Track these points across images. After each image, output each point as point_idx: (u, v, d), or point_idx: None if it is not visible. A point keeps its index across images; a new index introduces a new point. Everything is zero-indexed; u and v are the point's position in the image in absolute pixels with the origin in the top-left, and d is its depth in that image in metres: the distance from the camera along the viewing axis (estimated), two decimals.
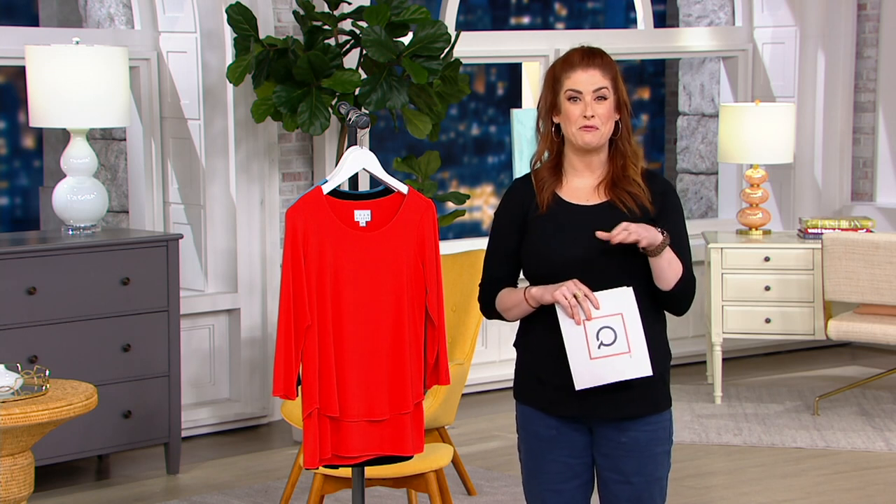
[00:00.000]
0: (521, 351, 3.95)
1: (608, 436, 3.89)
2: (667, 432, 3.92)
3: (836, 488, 6.45)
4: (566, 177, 3.90)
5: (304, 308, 4.00)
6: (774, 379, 8.55)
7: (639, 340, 3.75)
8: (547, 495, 3.93)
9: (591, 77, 3.83)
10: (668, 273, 3.81)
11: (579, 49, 3.88)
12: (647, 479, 3.89)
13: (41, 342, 6.21)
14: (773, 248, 7.90)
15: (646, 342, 3.77)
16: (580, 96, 3.83)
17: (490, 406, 7.87)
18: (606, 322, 3.76)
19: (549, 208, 3.87)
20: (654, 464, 3.90)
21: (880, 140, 9.35)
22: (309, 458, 4.07)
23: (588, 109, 3.82)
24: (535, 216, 3.87)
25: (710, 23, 9.47)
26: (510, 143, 8.06)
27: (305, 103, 6.66)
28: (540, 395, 3.90)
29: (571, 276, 3.78)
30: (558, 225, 3.84)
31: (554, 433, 3.90)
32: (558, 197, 3.88)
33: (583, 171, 3.89)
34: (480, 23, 12.57)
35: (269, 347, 7.42)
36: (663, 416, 3.90)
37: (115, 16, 8.12)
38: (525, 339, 3.94)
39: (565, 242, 3.81)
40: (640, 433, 3.87)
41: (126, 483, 6.58)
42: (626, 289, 3.76)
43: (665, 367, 3.91)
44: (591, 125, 3.82)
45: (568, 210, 3.86)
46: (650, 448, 3.88)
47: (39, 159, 10.33)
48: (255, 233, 7.41)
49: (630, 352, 3.76)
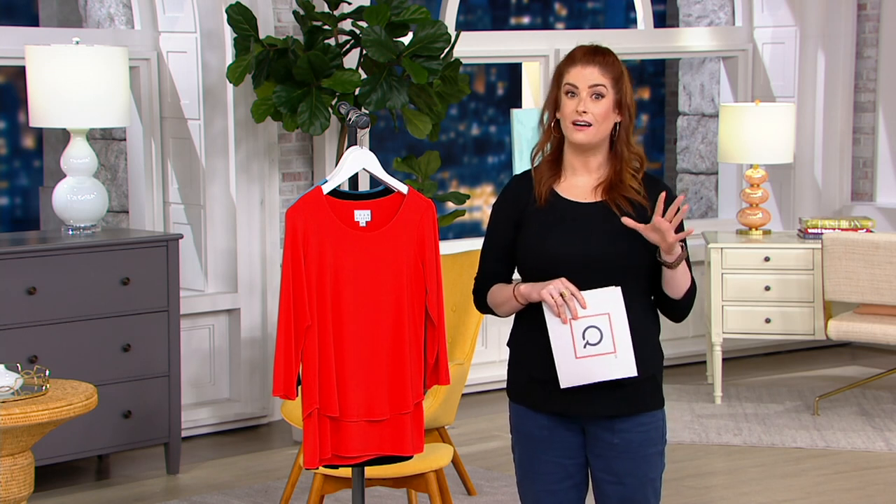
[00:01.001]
0: (514, 348, 3.96)
1: (600, 436, 3.88)
2: (659, 433, 3.91)
3: (836, 488, 6.45)
4: (565, 174, 3.90)
5: (304, 308, 4.00)
6: (774, 379, 8.54)
7: (625, 341, 3.75)
8: (541, 496, 3.93)
9: (589, 73, 3.81)
10: (681, 282, 3.82)
11: (584, 46, 3.87)
12: (640, 480, 3.89)
13: (41, 342, 6.20)
14: (773, 248, 7.90)
15: (632, 343, 3.76)
16: (576, 91, 3.82)
17: (490, 406, 7.87)
18: (593, 321, 3.75)
19: (546, 203, 3.86)
20: (647, 465, 3.89)
21: (880, 140, 9.35)
22: (309, 458, 4.07)
23: (581, 105, 3.81)
24: (531, 210, 3.86)
25: (710, 23, 9.47)
26: (510, 143, 8.05)
27: (305, 103, 6.66)
28: (531, 392, 3.89)
29: (564, 273, 3.77)
30: (554, 220, 3.83)
31: (546, 433, 3.90)
32: (556, 193, 3.88)
33: (581, 170, 3.88)
34: (480, 23, 12.57)
35: (269, 347, 7.42)
36: (655, 417, 3.89)
37: (115, 16, 8.12)
38: (517, 336, 3.94)
39: (560, 238, 3.80)
40: (633, 434, 3.86)
41: (126, 483, 6.58)
42: (614, 288, 3.75)
43: (658, 367, 3.90)
44: (583, 121, 3.81)
45: (564, 206, 3.85)
46: (643, 449, 3.88)
47: (39, 159, 10.34)
48: (255, 233, 7.41)
49: (615, 352, 3.76)
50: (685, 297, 3.85)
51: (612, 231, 3.80)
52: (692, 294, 3.86)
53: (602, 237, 3.80)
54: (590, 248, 3.79)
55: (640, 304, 3.84)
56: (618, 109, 3.84)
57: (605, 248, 3.79)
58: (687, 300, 3.86)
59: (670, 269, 3.79)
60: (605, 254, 3.79)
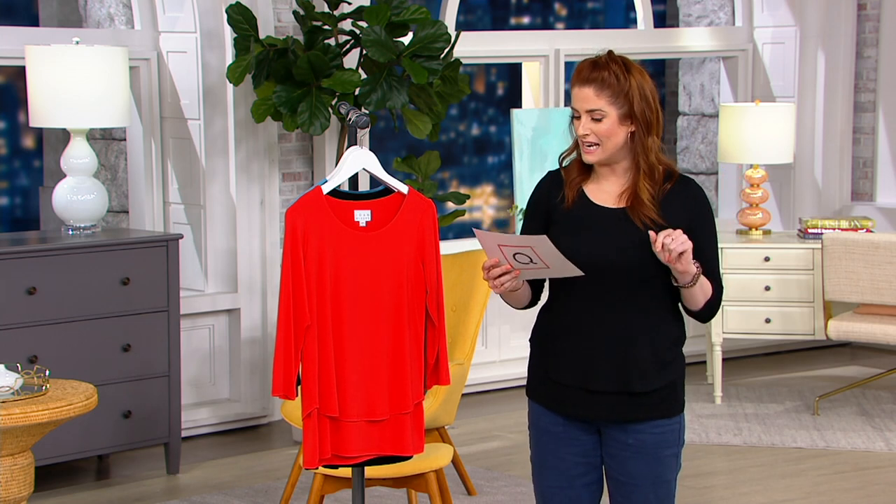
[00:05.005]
0: (534, 347, 3.96)
1: (615, 437, 3.88)
2: (675, 435, 3.90)
3: (836, 488, 6.45)
4: (595, 175, 3.89)
5: (303, 308, 4.00)
6: (774, 379, 8.55)
7: (554, 256, 3.70)
8: (553, 491, 3.93)
9: (585, 96, 3.79)
10: (698, 297, 3.82)
11: (585, 61, 3.83)
12: (654, 482, 3.88)
13: (41, 342, 6.20)
14: (773, 248, 7.90)
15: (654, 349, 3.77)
16: (579, 114, 3.82)
17: (490, 406, 7.87)
18: (518, 250, 3.72)
19: (574, 204, 3.86)
20: (661, 466, 3.88)
21: (880, 140, 9.35)
22: (309, 458, 4.07)
23: (581, 128, 3.81)
24: (560, 212, 3.86)
25: (710, 23, 9.47)
26: (510, 143, 8.05)
27: (305, 103, 6.66)
28: (548, 391, 3.90)
29: (588, 276, 3.76)
30: (580, 224, 3.82)
31: (561, 430, 3.90)
32: (585, 195, 3.87)
33: (608, 174, 3.87)
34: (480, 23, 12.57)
35: (269, 347, 7.42)
36: (673, 420, 3.89)
37: (115, 16, 8.12)
38: (538, 335, 3.95)
39: (584, 241, 3.79)
40: (648, 436, 3.86)
41: (126, 483, 6.58)
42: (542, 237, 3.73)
43: (679, 374, 3.89)
44: (590, 142, 3.81)
45: (591, 209, 3.84)
46: (658, 451, 3.87)
47: (39, 159, 10.33)
48: (255, 233, 7.41)
49: (549, 267, 3.73)
50: (705, 307, 3.85)
51: (636, 238, 3.79)
52: (714, 302, 3.85)
53: (627, 243, 3.79)
54: (614, 253, 3.78)
55: (663, 310, 3.84)
56: (628, 120, 3.80)
57: (630, 255, 3.78)
58: (707, 309, 3.85)
59: (686, 290, 3.80)
60: (628, 260, 3.78)
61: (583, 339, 3.83)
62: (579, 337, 3.84)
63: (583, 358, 3.83)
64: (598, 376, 3.82)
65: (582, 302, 3.83)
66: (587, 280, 3.77)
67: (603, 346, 3.82)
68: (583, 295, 3.82)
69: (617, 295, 3.79)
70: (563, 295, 3.86)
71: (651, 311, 3.81)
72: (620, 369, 3.81)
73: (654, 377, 3.82)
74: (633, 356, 3.81)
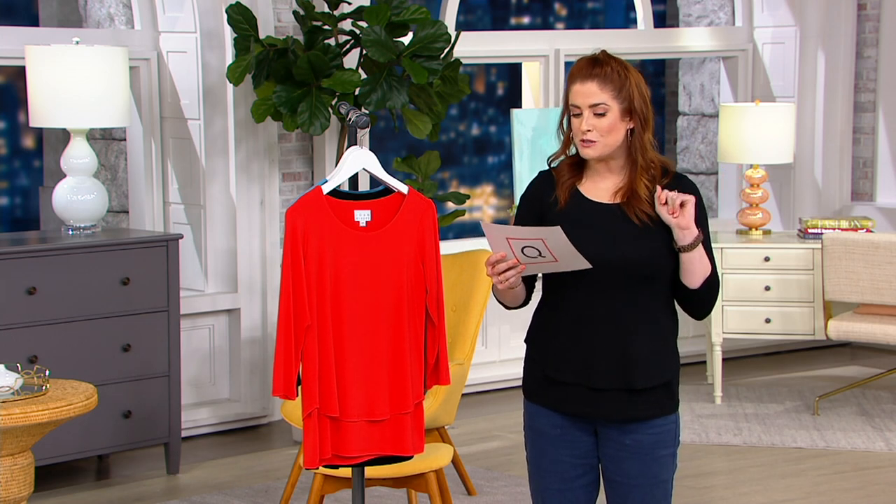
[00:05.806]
0: (530, 347, 3.96)
1: (612, 437, 3.88)
2: (672, 435, 3.90)
3: (836, 488, 6.45)
4: (588, 174, 3.89)
5: (303, 308, 4.00)
6: (774, 379, 8.55)
7: (564, 248, 3.70)
8: (550, 493, 3.93)
9: (588, 90, 3.79)
10: (697, 268, 3.80)
11: (584, 59, 3.85)
12: (651, 482, 3.88)
13: (41, 342, 6.21)
14: (773, 248, 7.89)
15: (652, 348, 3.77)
16: (579, 110, 3.82)
17: (490, 406, 7.87)
18: (528, 243, 3.72)
19: (567, 204, 3.86)
20: (658, 466, 3.89)
21: (880, 140, 9.35)
22: (309, 458, 4.07)
23: (584, 124, 3.81)
24: (554, 212, 3.86)
25: (710, 23, 9.47)
26: (510, 143, 8.05)
27: (305, 103, 6.66)
28: (544, 391, 3.90)
29: (585, 272, 3.76)
30: (575, 221, 3.82)
31: (559, 431, 3.90)
32: (579, 193, 3.87)
33: (603, 171, 3.88)
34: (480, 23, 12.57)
35: (269, 347, 7.42)
36: (669, 420, 3.89)
37: (115, 16, 8.12)
38: (533, 335, 3.94)
39: (580, 239, 3.79)
40: (644, 436, 3.86)
41: (126, 483, 6.58)
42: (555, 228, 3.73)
43: (674, 372, 3.89)
44: (589, 139, 3.81)
45: (586, 206, 3.85)
46: (654, 451, 3.88)
47: (39, 159, 10.33)
48: (255, 233, 7.41)
49: (557, 261, 3.73)
50: (704, 286, 3.83)
51: (634, 234, 3.80)
52: (712, 285, 3.84)
53: (624, 240, 3.79)
54: (611, 249, 3.79)
55: (660, 306, 3.85)
56: (628, 117, 3.82)
57: (627, 251, 3.79)
58: (707, 291, 3.84)
59: (686, 254, 3.79)
60: (626, 256, 3.78)
61: (582, 336, 3.83)
62: (578, 334, 3.84)
63: (583, 355, 3.83)
64: (599, 373, 3.82)
65: (580, 299, 3.83)
66: (585, 276, 3.78)
67: (603, 343, 3.82)
68: (580, 292, 3.82)
69: (615, 290, 3.80)
70: (560, 293, 3.86)
71: (649, 306, 3.82)
72: (621, 365, 3.81)
73: (654, 372, 3.82)
74: (634, 351, 3.81)
